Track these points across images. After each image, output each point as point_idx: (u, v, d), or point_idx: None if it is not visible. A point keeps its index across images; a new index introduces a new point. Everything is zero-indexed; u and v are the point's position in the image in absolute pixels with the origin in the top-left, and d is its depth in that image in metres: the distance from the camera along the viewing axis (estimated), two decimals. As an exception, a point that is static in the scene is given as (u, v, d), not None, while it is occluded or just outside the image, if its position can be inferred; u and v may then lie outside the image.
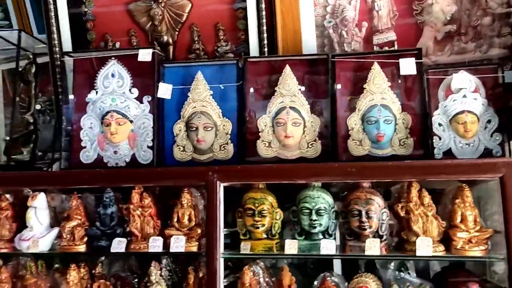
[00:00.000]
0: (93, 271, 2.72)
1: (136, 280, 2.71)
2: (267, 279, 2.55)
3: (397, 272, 2.50)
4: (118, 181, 2.59)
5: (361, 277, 2.41)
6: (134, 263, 3.00)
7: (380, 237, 2.35)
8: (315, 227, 2.41)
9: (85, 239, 2.59)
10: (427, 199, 2.31)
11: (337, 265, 2.66)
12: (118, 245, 2.53)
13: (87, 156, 2.73)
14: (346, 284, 2.45)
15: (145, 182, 2.58)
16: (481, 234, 2.23)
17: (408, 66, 2.49)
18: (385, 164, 2.33)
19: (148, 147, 2.68)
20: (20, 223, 2.69)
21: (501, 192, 2.14)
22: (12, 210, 2.69)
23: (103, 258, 2.88)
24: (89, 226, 2.62)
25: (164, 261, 2.66)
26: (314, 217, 2.40)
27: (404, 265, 2.59)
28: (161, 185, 2.64)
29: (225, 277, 2.45)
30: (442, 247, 2.26)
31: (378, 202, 2.37)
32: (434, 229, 2.28)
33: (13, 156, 3.07)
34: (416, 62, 2.49)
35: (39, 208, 2.63)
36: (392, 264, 2.58)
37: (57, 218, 2.78)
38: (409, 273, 2.54)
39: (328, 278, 2.42)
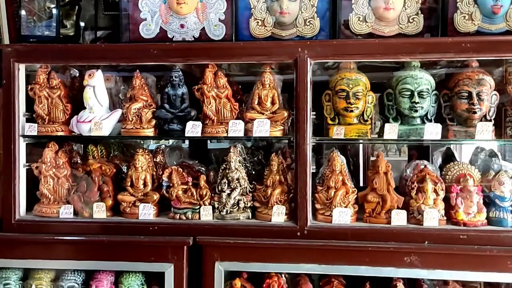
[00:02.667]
0: (154, 159, 2.50)
1: (203, 168, 2.51)
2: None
3: (491, 159, 2.36)
4: (192, 56, 2.25)
5: (461, 164, 2.26)
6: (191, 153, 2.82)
7: (489, 122, 2.16)
8: (416, 111, 2.19)
9: (153, 122, 2.32)
10: (545, 79, 2.11)
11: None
12: (193, 128, 2.27)
13: (147, 30, 2.36)
14: (438, 172, 2.32)
15: (223, 58, 2.27)
16: None
17: None
18: (506, 39, 2.07)
19: (220, 20, 2.33)
20: (74, 106, 2.39)
21: None
22: (64, 90, 2.36)
23: (163, 146, 2.66)
24: (156, 108, 2.34)
25: (239, 148, 2.43)
26: (416, 99, 2.17)
27: (495, 153, 2.45)
28: (240, 63, 2.33)
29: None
30: (559, 131, 2.11)
31: (490, 83, 2.15)
32: (550, 111, 2.10)
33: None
34: None
35: (98, 87, 2.31)
36: (483, 152, 2.44)
37: (113, 102, 2.48)
38: (499, 159, 2.42)
39: (422, 166, 2.27)
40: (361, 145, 3.05)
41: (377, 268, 2.11)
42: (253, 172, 2.51)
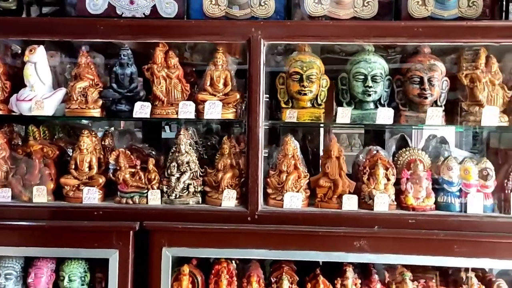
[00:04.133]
0: (102, 143, 2.40)
1: (154, 152, 2.42)
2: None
3: (441, 145, 2.39)
4: (141, 34, 2.15)
5: (412, 150, 2.27)
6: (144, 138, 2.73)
7: (440, 107, 2.17)
8: (369, 95, 2.18)
9: (100, 102, 2.21)
10: (495, 66, 2.13)
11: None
12: (142, 109, 2.18)
13: (94, 4, 2.24)
14: (391, 158, 2.32)
15: (174, 37, 2.18)
16: (549, 104, 2.12)
17: None
18: (458, 24, 2.08)
19: (172, -3, 2.24)
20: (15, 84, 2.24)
21: None
22: (3, 67, 2.22)
23: (112, 129, 2.55)
24: (103, 88, 2.23)
25: (190, 131, 2.36)
26: (369, 83, 2.16)
27: (445, 140, 2.48)
28: (191, 42, 2.25)
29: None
30: (506, 118, 2.14)
31: (441, 69, 2.16)
32: (499, 98, 2.13)
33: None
34: None
35: (40, 63, 2.18)
36: (434, 139, 2.46)
37: (58, 80, 2.35)
38: (449, 146, 2.45)
39: (374, 151, 2.26)
40: (322, 131, 3.00)
41: (327, 253, 2.09)
42: (206, 157, 2.44)
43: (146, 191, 2.20)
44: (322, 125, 2.65)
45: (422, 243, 2.06)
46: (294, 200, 2.16)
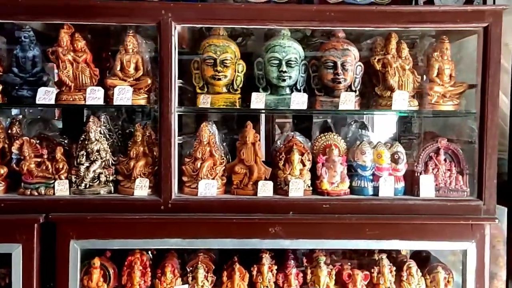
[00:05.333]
0: (9, 132, 2.25)
1: (66, 141, 2.30)
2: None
3: (359, 130, 2.41)
4: (43, 14, 2.02)
5: (328, 135, 2.27)
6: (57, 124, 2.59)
7: (353, 92, 2.18)
8: (284, 80, 2.15)
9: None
10: (406, 51, 2.16)
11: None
12: (46, 95, 2.06)
13: (-9, -18, 2.09)
14: (309, 144, 2.32)
15: (79, 18, 2.04)
16: (456, 88, 2.17)
17: None
18: (369, 9, 2.08)
19: (77, -24, 2.11)
20: None
21: (483, 43, 2.05)
22: None
23: (20, 116, 2.40)
24: (3, 72, 2.08)
25: (103, 118, 2.26)
26: (284, 68, 2.14)
27: (365, 125, 2.51)
28: (99, 25, 2.13)
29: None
30: (416, 102, 2.18)
31: (354, 54, 2.17)
32: (410, 83, 2.16)
33: None
34: None
35: None
36: (354, 124, 2.48)
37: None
38: (368, 130, 2.48)
39: (292, 138, 2.25)
40: (263, 119, 2.95)
41: (242, 240, 2.07)
42: (121, 144, 2.35)
43: (52, 181, 2.09)
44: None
45: (335, 227, 2.08)
46: (209, 188, 2.12)
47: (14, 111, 2.55)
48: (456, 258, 2.25)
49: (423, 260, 2.28)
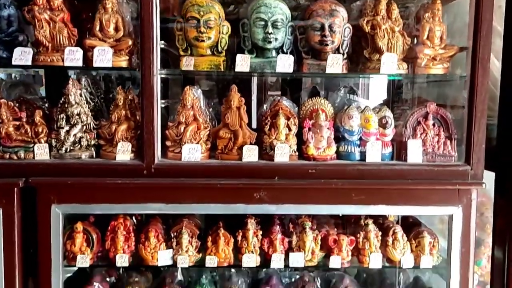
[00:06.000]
0: (-12, 96, 2.19)
1: (47, 104, 2.24)
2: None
3: (348, 95, 2.36)
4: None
5: (316, 99, 2.22)
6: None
7: (341, 55, 2.12)
8: (270, 42, 2.09)
9: (-27, 48, 2.00)
10: (396, 12, 2.09)
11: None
12: (22, 56, 1.99)
13: None
14: (296, 109, 2.27)
15: (55, -26, 1.97)
16: (446, 51, 2.11)
17: None
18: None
19: None
20: None
21: (475, 4, 1.99)
22: None
23: (-1, 79, 2.34)
24: (-23, 32, 2.01)
25: (83, 81, 2.19)
26: (270, 29, 2.06)
27: (353, 90, 2.46)
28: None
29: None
30: (405, 65, 2.12)
31: (342, 15, 2.09)
32: (399, 46, 2.09)
33: None
34: None
35: None
36: (343, 89, 2.43)
37: None
38: (356, 95, 2.43)
39: (278, 102, 2.20)
40: (255, 81, 2.89)
41: (227, 206, 2.04)
42: (104, 110, 2.29)
43: (32, 145, 2.04)
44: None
45: (321, 192, 2.06)
46: (192, 152, 2.08)
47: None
48: (444, 227, 2.25)
49: (410, 226, 2.27)
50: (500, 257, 2.26)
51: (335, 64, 2.06)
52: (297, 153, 2.14)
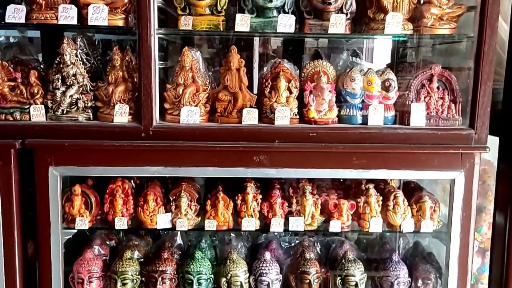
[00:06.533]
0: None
1: (43, 66, 2.19)
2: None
3: (351, 58, 2.30)
4: None
5: (317, 62, 2.16)
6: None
7: (344, 15, 2.05)
8: (271, 1, 2.01)
9: (-35, 5, 1.93)
10: (402, -31, 2.01)
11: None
12: (15, 13, 1.93)
13: None
14: (298, 71, 2.22)
15: None
16: (454, 11, 2.03)
17: None
18: None
19: None
20: None
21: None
22: None
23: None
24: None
25: (79, 41, 2.14)
26: (271, -13, 2.00)
27: (357, 53, 2.40)
28: None
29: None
30: (411, 26, 2.05)
31: (347, -28, 2.02)
32: (405, 5, 2.02)
33: None
34: None
35: None
36: (346, 52, 2.36)
37: None
38: (360, 58, 2.37)
39: (279, 64, 2.14)
40: (256, 45, 2.82)
41: (226, 169, 2.01)
42: (101, 70, 2.24)
43: (28, 106, 2.00)
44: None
45: (322, 156, 2.02)
46: (191, 115, 2.04)
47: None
48: (445, 194, 2.22)
49: (411, 191, 2.25)
50: (501, 223, 2.24)
51: (337, 24, 2.00)
52: (298, 117, 2.10)
